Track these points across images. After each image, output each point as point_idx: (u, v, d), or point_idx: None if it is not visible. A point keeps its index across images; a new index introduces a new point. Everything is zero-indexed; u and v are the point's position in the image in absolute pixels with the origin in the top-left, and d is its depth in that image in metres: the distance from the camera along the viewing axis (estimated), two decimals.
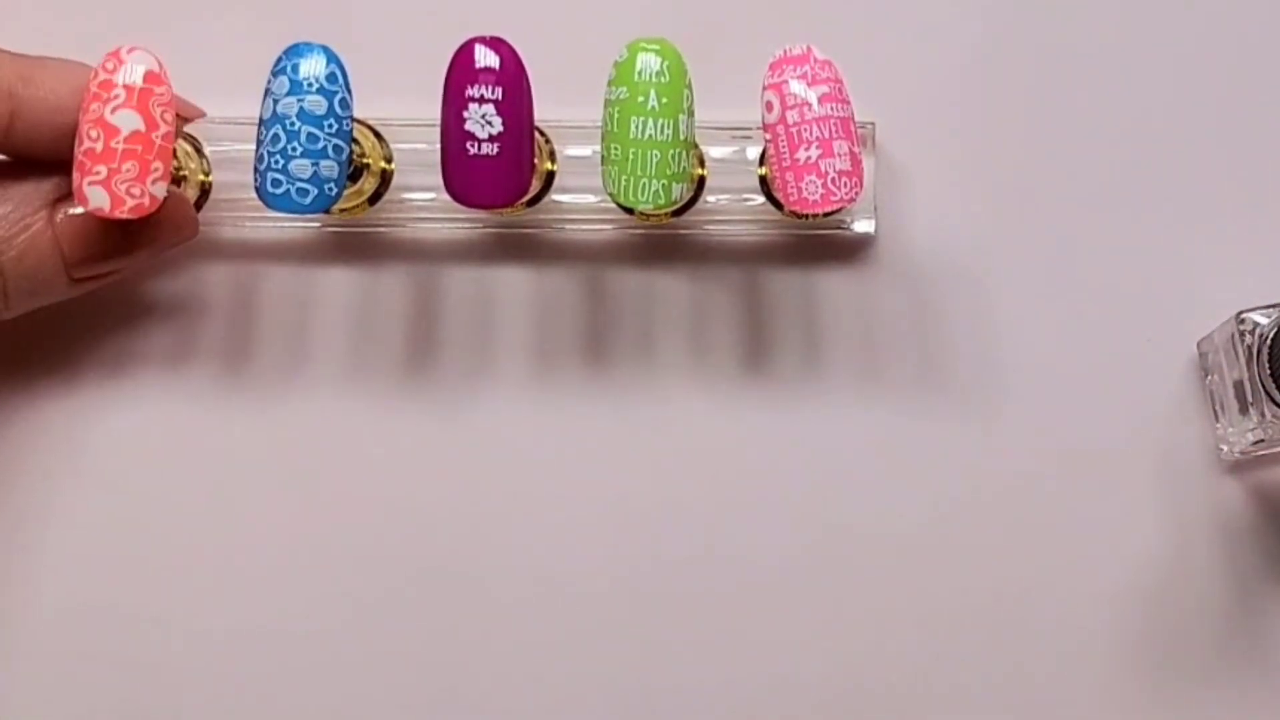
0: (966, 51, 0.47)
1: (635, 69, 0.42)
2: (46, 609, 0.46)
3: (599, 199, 0.45)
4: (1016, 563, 0.46)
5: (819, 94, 0.42)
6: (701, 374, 0.46)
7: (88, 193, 0.42)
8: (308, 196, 0.42)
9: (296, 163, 0.42)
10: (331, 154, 0.42)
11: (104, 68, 0.42)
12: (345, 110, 0.42)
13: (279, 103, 0.42)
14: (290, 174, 0.42)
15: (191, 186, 0.45)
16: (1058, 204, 0.47)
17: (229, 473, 0.46)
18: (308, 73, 0.42)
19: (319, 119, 0.42)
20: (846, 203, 0.42)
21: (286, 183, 0.42)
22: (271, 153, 0.42)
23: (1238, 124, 0.47)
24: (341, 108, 0.42)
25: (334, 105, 0.42)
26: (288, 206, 0.42)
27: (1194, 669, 0.45)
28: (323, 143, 0.42)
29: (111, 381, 0.47)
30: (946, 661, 0.45)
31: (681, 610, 0.44)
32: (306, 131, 0.42)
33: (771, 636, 0.46)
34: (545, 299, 0.47)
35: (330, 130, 0.42)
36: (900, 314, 0.47)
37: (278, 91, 0.42)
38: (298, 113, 0.42)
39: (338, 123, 0.42)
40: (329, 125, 0.42)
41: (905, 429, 0.46)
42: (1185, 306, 0.46)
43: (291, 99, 0.42)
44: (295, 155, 0.42)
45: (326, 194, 0.42)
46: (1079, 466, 0.46)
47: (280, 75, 0.42)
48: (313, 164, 0.42)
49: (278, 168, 0.42)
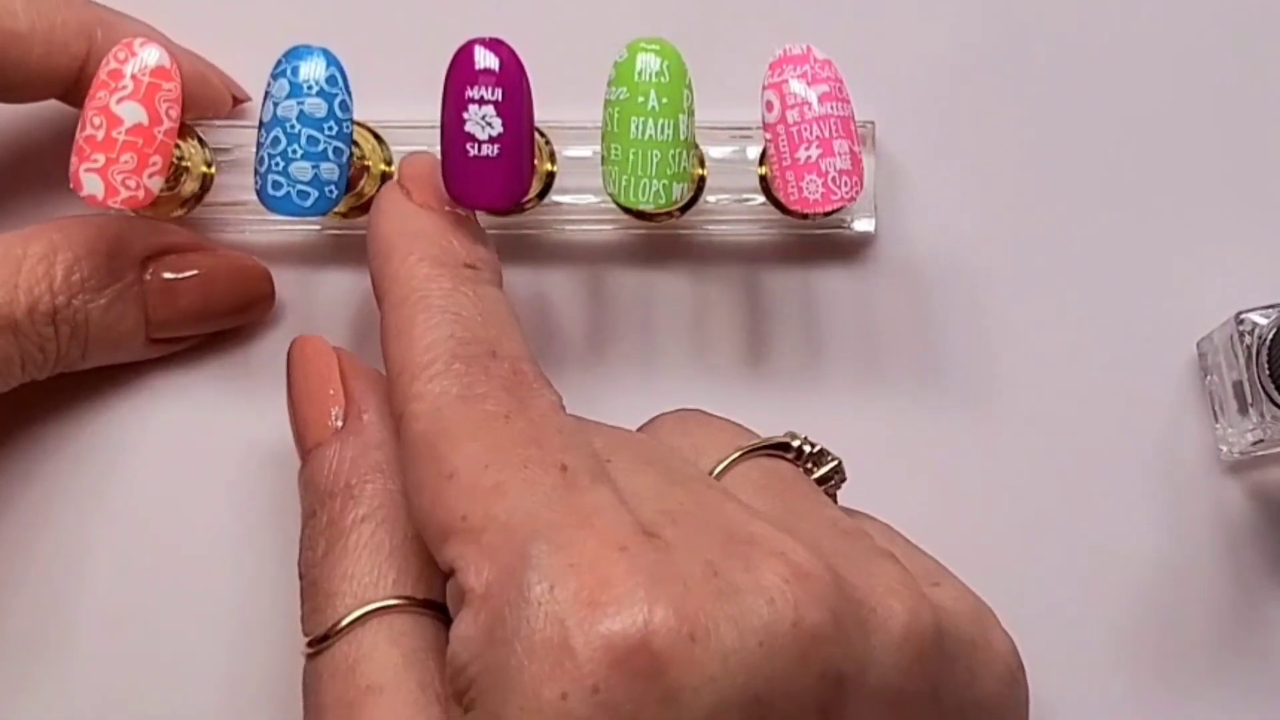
0: (967, 51, 0.47)
1: (635, 69, 0.42)
2: (54, 611, 0.46)
3: (599, 199, 0.45)
4: (1015, 562, 0.46)
5: (819, 93, 0.42)
6: (702, 373, 0.46)
7: (83, 179, 0.42)
8: (308, 199, 0.42)
9: (297, 165, 0.42)
10: (332, 156, 0.42)
11: (115, 57, 0.42)
12: (345, 113, 0.42)
13: (279, 105, 0.42)
14: (291, 176, 0.42)
15: (193, 178, 0.45)
16: (1058, 203, 0.47)
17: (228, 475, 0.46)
18: (307, 75, 0.42)
19: (319, 121, 0.42)
20: (847, 202, 0.42)
21: (287, 185, 0.42)
22: (272, 155, 0.42)
23: (1238, 125, 0.47)
24: (342, 110, 0.42)
25: (334, 108, 0.42)
26: (289, 209, 0.42)
27: (1194, 669, 0.45)
28: (323, 145, 0.42)
29: (112, 383, 0.47)
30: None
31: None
32: (307, 134, 0.42)
33: None
34: (545, 299, 0.47)
35: (331, 133, 0.42)
36: (900, 313, 0.47)
37: (278, 94, 0.42)
38: (298, 115, 0.42)
39: (338, 125, 0.42)
40: (329, 128, 0.42)
41: (905, 427, 0.46)
42: (1185, 306, 0.46)
43: (291, 101, 0.42)
44: (296, 158, 0.42)
45: (327, 196, 0.42)
46: (1078, 466, 0.46)
47: (280, 78, 0.42)
48: (313, 166, 0.42)
49: (278, 170, 0.42)
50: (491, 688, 0.35)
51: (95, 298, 0.43)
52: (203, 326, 0.45)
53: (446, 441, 0.37)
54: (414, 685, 0.38)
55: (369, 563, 0.40)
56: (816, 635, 0.35)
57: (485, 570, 0.36)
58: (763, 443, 0.42)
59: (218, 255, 0.46)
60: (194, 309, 0.44)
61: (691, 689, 0.34)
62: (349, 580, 0.40)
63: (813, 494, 0.41)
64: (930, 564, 0.41)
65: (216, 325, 0.46)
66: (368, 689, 0.38)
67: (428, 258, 0.41)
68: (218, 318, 0.46)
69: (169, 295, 0.45)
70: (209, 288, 0.45)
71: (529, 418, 0.38)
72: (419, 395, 0.38)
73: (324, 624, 0.39)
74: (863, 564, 0.38)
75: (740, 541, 0.37)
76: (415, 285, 0.40)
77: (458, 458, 0.37)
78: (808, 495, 0.41)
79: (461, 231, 0.42)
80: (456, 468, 0.37)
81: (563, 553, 0.35)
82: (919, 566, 0.40)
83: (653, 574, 0.35)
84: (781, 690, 0.35)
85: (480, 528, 0.36)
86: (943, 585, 0.40)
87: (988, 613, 0.40)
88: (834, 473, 0.43)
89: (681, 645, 0.34)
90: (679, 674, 0.34)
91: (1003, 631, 0.40)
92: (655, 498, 0.38)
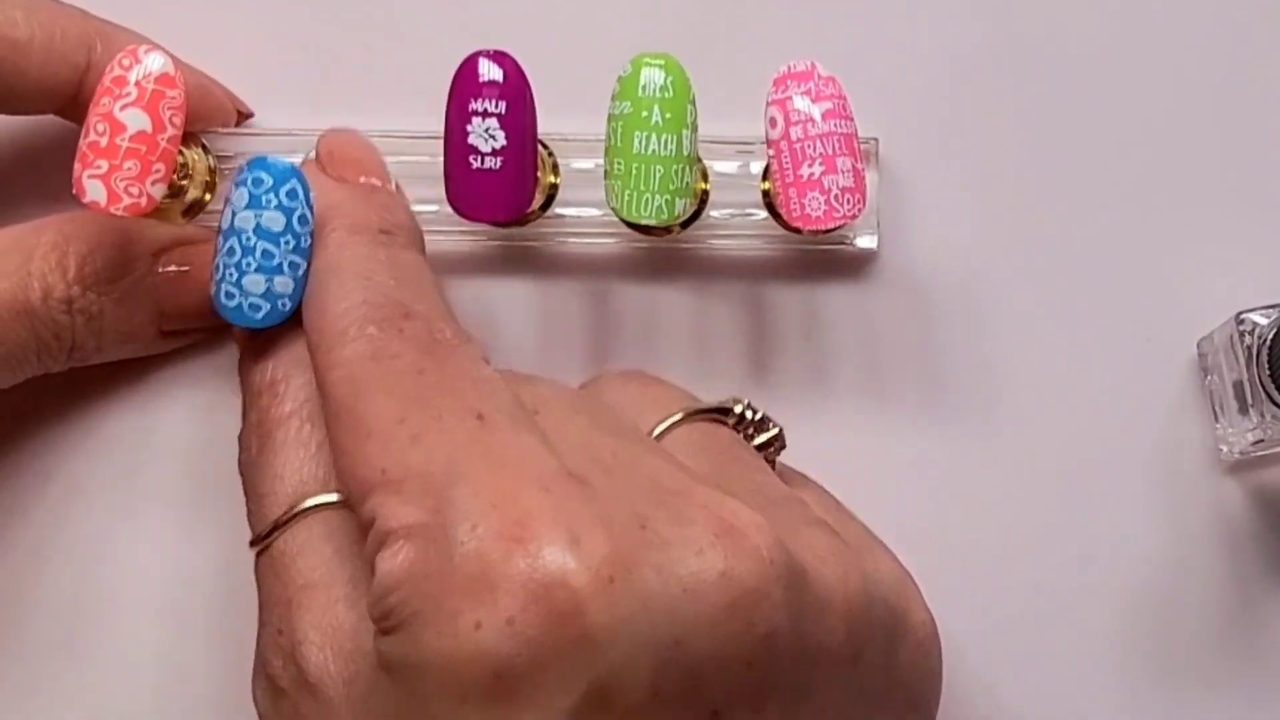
0: (969, 68, 0.47)
1: (639, 84, 0.42)
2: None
3: (602, 213, 0.45)
4: (1017, 565, 0.46)
5: (822, 110, 0.42)
6: (705, 388, 0.46)
7: (86, 185, 0.42)
8: (259, 311, 0.42)
9: (250, 278, 0.41)
10: (287, 271, 0.42)
11: (119, 64, 0.42)
12: (304, 226, 0.42)
13: (237, 215, 0.41)
14: (244, 288, 0.42)
15: (196, 186, 0.45)
16: (1059, 219, 0.47)
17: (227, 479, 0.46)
18: (268, 187, 0.41)
19: (276, 236, 0.41)
20: (849, 219, 0.42)
21: (240, 296, 0.42)
22: (227, 264, 0.42)
23: (1238, 125, 0.47)
24: (300, 224, 0.42)
25: (293, 222, 0.41)
26: (240, 320, 0.42)
27: (1194, 669, 0.45)
28: (278, 259, 0.41)
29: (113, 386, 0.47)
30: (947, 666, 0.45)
31: None
32: (262, 248, 0.41)
33: None
34: (548, 312, 0.47)
35: (288, 247, 0.41)
36: (903, 328, 0.47)
37: (237, 203, 0.42)
38: (254, 228, 0.41)
39: (295, 239, 0.41)
40: (286, 242, 0.41)
41: (908, 441, 0.46)
42: (1185, 306, 0.46)
43: (249, 212, 0.41)
44: (249, 270, 0.41)
45: (279, 309, 0.42)
46: (1079, 466, 0.46)
47: (241, 186, 0.42)
48: (267, 280, 0.41)
49: (231, 281, 0.42)
50: (410, 619, 0.35)
51: (110, 290, 0.44)
52: (214, 319, 0.45)
53: (362, 402, 0.38)
54: (346, 581, 0.39)
55: (297, 461, 0.41)
56: (745, 588, 0.35)
57: (407, 514, 0.36)
58: (704, 406, 0.42)
59: None
60: (205, 301, 0.44)
61: (606, 628, 0.34)
62: (280, 480, 0.41)
63: (749, 458, 0.42)
64: (862, 533, 0.42)
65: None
66: (303, 586, 0.39)
67: (340, 226, 0.41)
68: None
69: (180, 287, 0.45)
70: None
71: (444, 372, 0.38)
72: (335, 363, 0.39)
73: (262, 523, 0.41)
74: (794, 529, 0.38)
75: (670, 494, 0.37)
76: (329, 255, 0.41)
77: (371, 415, 0.37)
78: (743, 459, 0.41)
79: (375, 199, 0.42)
80: (371, 426, 0.37)
81: (484, 494, 0.35)
82: (851, 534, 0.40)
83: (576, 514, 0.35)
84: (704, 639, 0.35)
85: (400, 479, 0.36)
86: (872, 554, 0.40)
87: (911, 584, 0.41)
88: (774, 439, 0.43)
89: (600, 585, 0.34)
90: (596, 613, 0.34)
91: (923, 603, 0.41)
92: (584, 445, 0.38)
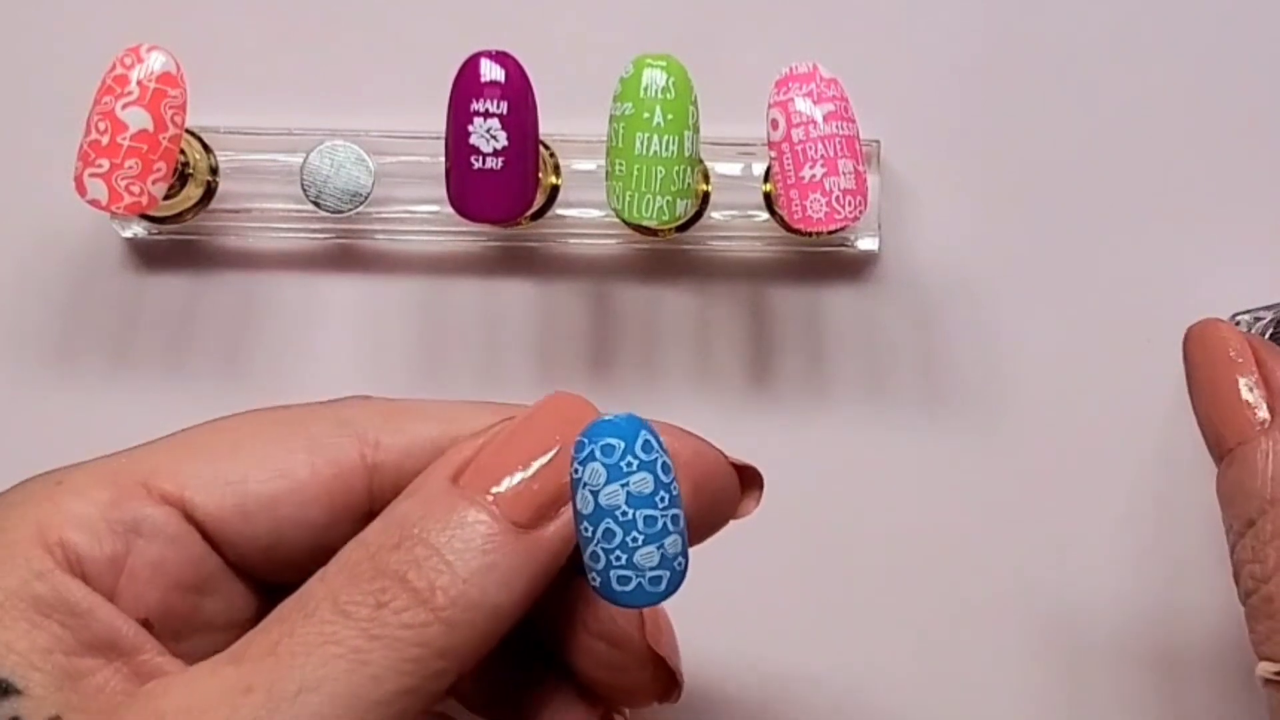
0: (971, 70, 0.47)
1: (641, 85, 0.42)
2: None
3: (603, 213, 0.45)
4: (1018, 565, 0.46)
5: (824, 112, 0.42)
6: (706, 389, 0.46)
7: (87, 184, 0.42)
8: (660, 584, 0.35)
9: (642, 552, 0.35)
10: (672, 527, 0.35)
11: (121, 63, 0.42)
12: (669, 474, 0.35)
13: (600, 494, 0.34)
14: (638, 566, 0.35)
15: (197, 185, 0.45)
16: (1060, 220, 0.47)
17: None
18: (621, 451, 0.35)
19: (650, 498, 0.35)
20: (850, 221, 0.42)
21: (636, 577, 0.35)
22: (609, 550, 0.35)
23: (1238, 125, 0.47)
24: (665, 473, 0.35)
25: (658, 474, 0.35)
26: (641, 602, 0.35)
27: (1193, 669, 0.45)
28: (661, 522, 0.35)
29: (113, 388, 0.47)
30: (949, 668, 0.45)
31: (683, 624, 0.44)
32: (643, 515, 0.35)
33: (775, 648, 0.46)
34: (549, 313, 0.47)
35: (663, 504, 0.35)
36: (904, 330, 0.47)
37: (593, 481, 0.34)
38: (625, 500, 0.35)
39: (668, 493, 0.35)
40: (660, 499, 0.35)
41: (910, 443, 0.46)
42: (1185, 306, 0.46)
43: (615, 486, 0.35)
44: (638, 545, 0.35)
45: (678, 571, 0.35)
46: (1079, 467, 0.46)
47: (590, 463, 0.34)
48: (658, 548, 0.35)
49: (620, 564, 0.35)
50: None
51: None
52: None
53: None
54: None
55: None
56: None
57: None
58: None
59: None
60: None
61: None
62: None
63: None
64: None
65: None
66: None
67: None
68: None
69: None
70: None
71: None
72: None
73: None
74: None
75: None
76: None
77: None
78: None
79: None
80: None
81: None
82: None
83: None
84: None
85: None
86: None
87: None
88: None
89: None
90: None
91: None
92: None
